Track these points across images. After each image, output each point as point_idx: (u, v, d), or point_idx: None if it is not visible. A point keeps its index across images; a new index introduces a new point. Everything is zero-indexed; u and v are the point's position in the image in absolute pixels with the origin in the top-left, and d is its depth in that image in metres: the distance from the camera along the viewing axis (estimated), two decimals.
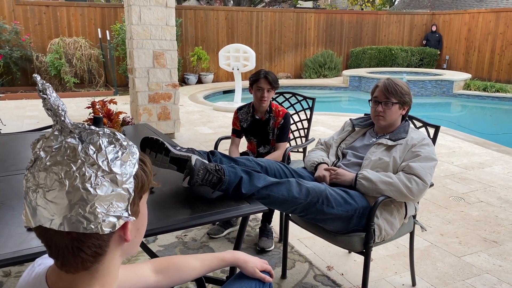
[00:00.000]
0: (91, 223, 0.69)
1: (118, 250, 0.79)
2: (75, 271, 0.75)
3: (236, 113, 3.03)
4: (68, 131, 0.72)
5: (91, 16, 10.08)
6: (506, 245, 2.82)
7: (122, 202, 0.72)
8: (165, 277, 1.19)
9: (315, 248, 2.73)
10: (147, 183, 0.79)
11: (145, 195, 0.82)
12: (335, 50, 13.05)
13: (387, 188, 1.93)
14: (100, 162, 0.70)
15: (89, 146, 0.70)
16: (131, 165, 0.74)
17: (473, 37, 12.52)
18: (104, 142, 0.72)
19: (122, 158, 0.73)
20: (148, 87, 5.14)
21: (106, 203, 0.70)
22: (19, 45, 9.10)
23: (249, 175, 1.78)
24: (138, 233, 0.83)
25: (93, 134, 0.72)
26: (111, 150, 0.72)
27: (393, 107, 2.09)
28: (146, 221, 0.86)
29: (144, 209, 0.83)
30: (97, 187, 0.69)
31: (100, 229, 0.70)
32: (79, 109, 7.37)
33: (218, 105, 7.64)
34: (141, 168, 0.77)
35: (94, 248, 0.72)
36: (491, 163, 4.61)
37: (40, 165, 0.70)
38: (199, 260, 1.25)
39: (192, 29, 11.24)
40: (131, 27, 4.92)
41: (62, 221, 0.68)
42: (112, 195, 0.70)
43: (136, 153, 0.76)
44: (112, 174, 0.70)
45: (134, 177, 0.74)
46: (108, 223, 0.70)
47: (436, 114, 8.86)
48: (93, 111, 2.09)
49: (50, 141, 0.71)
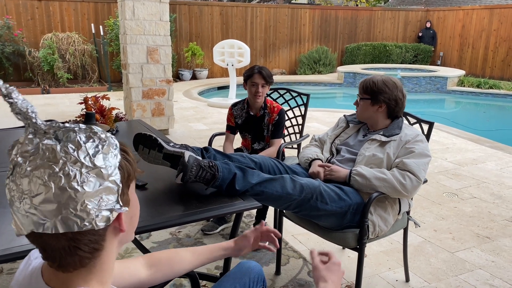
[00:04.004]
0: (84, 221, 0.68)
1: (114, 241, 0.79)
2: (73, 270, 0.74)
3: (230, 109, 3.02)
4: (43, 132, 0.70)
5: (84, 11, 10.00)
6: (499, 240, 2.84)
7: (111, 195, 0.71)
8: (158, 270, 1.19)
9: (309, 244, 2.73)
10: (133, 171, 0.79)
11: (132, 183, 0.82)
12: (330, 46, 13.05)
13: (381, 184, 1.93)
14: (82, 158, 0.69)
15: (68, 145, 0.69)
16: (113, 156, 0.73)
17: (467, 34, 12.57)
18: (82, 138, 0.70)
19: (103, 151, 0.71)
20: (142, 83, 5.11)
21: (96, 198, 0.69)
22: (11, 40, 9.01)
23: (243, 171, 1.77)
24: (131, 221, 0.84)
25: (69, 132, 0.70)
26: (91, 145, 0.70)
27: (363, 103, 2.12)
28: (138, 209, 0.87)
29: (134, 197, 0.84)
30: (84, 184, 0.68)
31: (95, 225, 0.69)
32: (72, 105, 7.32)
33: (213, 101, 7.61)
34: (124, 158, 0.77)
35: (92, 244, 0.72)
36: (484, 159, 4.63)
37: (20, 171, 0.68)
38: (191, 251, 1.25)
39: (186, 24, 11.18)
40: (125, 22, 4.88)
41: (54, 223, 0.67)
42: (100, 190, 0.70)
43: (116, 144, 0.75)
44: (96, 169, 0.69)
45: (119, 168, 0.74)
46: (101, 217, 0.70)
47: (430, 110, 8.89)
48: (86, 107, 2.07)
49: (25, 146, 0.69)
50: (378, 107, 2.11)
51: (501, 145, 5.23)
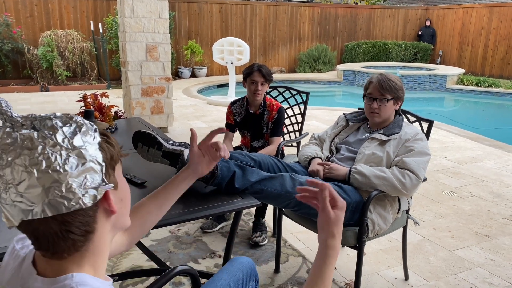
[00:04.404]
0: (71, 201, 0.69)
1: (107, 224, 0.79)
2: (67, 255, 0.74)
3: (230, 107, 3.01)
4: (20, 125, 0.71)
5: (83, 8, 9.97)
6: (497, 239, 2.84)
7: (95, 174, 0.72)
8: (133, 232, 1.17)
9: (309, 243, 2.73)
10: (116, 153, 0.79)
11: (118, 166, 0.82)
12: (330, 44, 13.03)
13: (381, 183, 1.93)
14: (60, 141, 0.69)
15: (45, 131, 0.70)
16: (92, 136, 0.73)
17: (466, 32, 12.56)
18: (58, 124, 0.71)
19: (81, 133, 0.72)
20: (141, 81, 5.10)
21: (80, 178, 0.70)
22: (10, 37, 8.98)
23: (243, 169, 1.77)
24: (123, 204, 0.84)
25: (45, 120, 0.71)
26: (68, 129, 0.71)
27: (388, 104, 2.09)
28: (128, 192, 0.87)
29: (122, 180, 0.84)
30: (66, 165, 0.69)
31: (82, 204, 0.70)
32: (71, 102, 7.31)
33: (212, 99, 7.60)
34: (104, 140, 0.77)
35: (83, 227, 0.73)
36: (483, 157, 4.63)
37: (2, 163, 0.69)
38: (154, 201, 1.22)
39: (186, 22, 11.16)
40: (124, 20, 4.86)
41: (42, 207, 0.68)
42: (83, 170, 0.70)
43: (94, 127, 0.76)
44: (76, 149, 0.70)
45: (100, 149, 0.74)
46: (88, 196, 0.71)
47: (429, 108, 8.89)
48: (85, 104, 2.07)
49: (4, 140, 0.70)
50: (396, 105, 2.13)
51: (500, 143, 5.23)
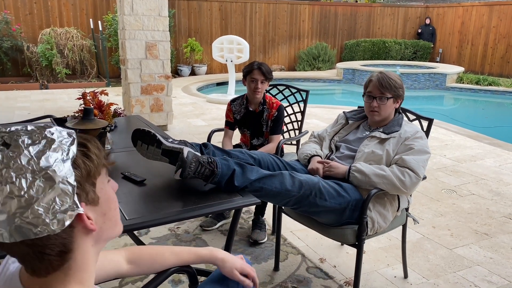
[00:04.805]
0: (38, 227, 0.65)
1: (87, 241, 0.75)
2: (46, 274, 0.71)
3: (229, 105, 3.01)
4: None
5: (82, 6, 9.95)
6: (497, 237, 2.84)
7: (66, 197, 0.67)
8: (137, 267, 1.19)
9: (308, 241, 2.73)
10: (95, 167, 0.74)
11: (100, 179, 0.76)
12: (329, 42, 13.01)
13: (380, 181, 1.93)
14: (24, 163, 0.65)
15: (9, 151, 0.66)
16: (64, 154, 0.68)
17: (466, 30, 12.55)
18: (25, 141, 0.66)
19: (51, 151, 0.67)
20: (140, 79, 5.09)
21: (47, 202, 0.66)
22: (9, 35, 8.96)
23: (242, 167, 1.76)
24: (106, 218, 0.78)
25: (14, 135, 0.67)
26: (35, 148, 0.67)
27: (387, 102, 2.08)
28: (113, 203, 0.81)
29: (106, 193, 0.79)
30: (31, 190, 0.64)
31: (50, 230, 0.66)
32: (71, 100, 7.30)
33: (212, 97, 7.60)
34: (82, 154, 0.72)
35: (57, 248, 0.69)
36: (483, 156, 4.64)
37: None
38: (173, 253, 1.22)
39: (185, 20, 11.14)
40: (123, 18, 4.86)
41: (10, 233, 0.65)
42: (51, 193, 0.66)
43: (70, 141, 0.70)
44: (43, 171, 0.66)
45: (74, 166, 0.69)
46: (56, 222, 0.66)
47: (429, 107, 8.89)
48: (84, 102, 2.06)
49: None
50: (396, 103, 2.12)
51: (500, 142, 5.23)
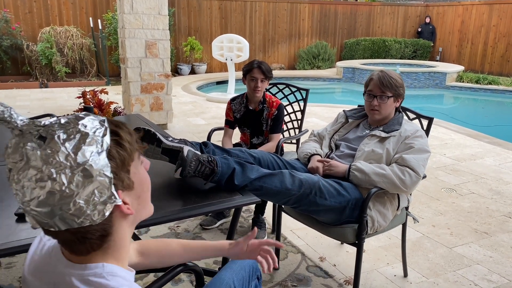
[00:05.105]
0: (81, 218, 0.70)
1: (124, 224, 0.80)
2: (87, 254, 0.77)
3: (229, 103, 3.01)
4: (28, 133, 0.69)
5: (82, 4, 9.93)
6: (496, 236, 2.84)
7: (104, 189, 0.71)
8: (146, 259, 1.22)
9: (308, 239, 2.73)
10: (129, 154, 0.76)
11: (134, 164, 0.78)
12: (329, 41, 13.00)
13: (380, 180, 1.92)
14: (63, 160, 0.68)
15: (47, 148, 0.68)
16: (99, 147, 0.70)
17: (466, 29, 12.54)
18: (61, 137, 0.69)
19: (86, 145, 0.69)
20: (140, 77, 5.09)
21: (87, 195, 0.69)
22: (9, 33, 8.95)
23: (242, 166, 1.76)
24: (140, 200, 0.82)
25: (49, 129, 0.69)
26: (71, 143, 0.69)
27: (388, 101, 2.08)
28: (146, 184, 0.84)
29: (140, 176, 0.81)
30: (71, 185, 0.68)
31: (91, 221, 0.71)
32: (71, 99, 7.29)
33: (211, 96, 7.59)
34: (115, 143, 0.74)
35: (98, 233, 0.74)
36: (482, 155, 4.64)
37: (13, 177, 0.69)
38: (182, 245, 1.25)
39: (185, 18, 11.13)
40: (123, 16, 4.85)
41: (55, 223, 0.69)
42: (90, 186, 0.69)
43: (102, 131, 0.72)
44: (81, 166, 0.68)
45: (109, 158, 0.72)
46: (97, 212, 0.71)
47: (428, 106, 8.88)
48: (84, 101, 2.06)
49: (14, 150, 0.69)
50: (396, 102, 2.12)
51: (500, 140, 5.23)
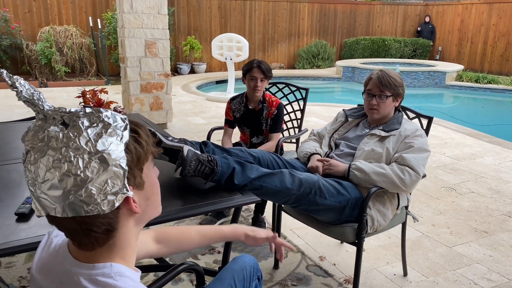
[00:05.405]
0: (90, 205, 0.70)
1: (130, 222, 0.80)
2: (92, 249, 0.77)
3: (229, 103, 3.01)
4: (52, 118, 0.72)
5: (82, 4, 9.92)
6: (496, 235, 2.85)
7: (117, 179, 0.72)
8: (166, 246, 1.25)
9: (308, 239, 2.73)
10: (144, 153, 0.78)
11: (147, 164, 0.81)
12: (329, 40, 13.00)
13: (380, 179, 1.93)
14: (83, 144, 0.70)
15: (70, 131, 0.70)
16: (119, 140, 0.73)
17: (466, 28, 12.54)
18: (85, 123, 0.71)
19: (107, 135, 0.71)
20: (140, 77, 5.09)
21: (100, 183, 0.70)
22: (8, 33, 8.94)
23: (242, 166, 1.76)
24: (149, 202, 0.83)
25: (74, 117, 0.72)
26: (93, 131, 0.71)
27: (387, 100, 2.08)
28: (156, 188, 0.86)
29: (151, 178, 0.83)
30: (87, 170, 0.69)
31: (100, 210, 0.71)
32: (70, 98, 7.29)
33: (211, 95, 7.59)
34: (134, 140, 0.77)
35: (104, 226, 0.75)
36: (482, 154, 4.64)
37: (30, 158, 0.71)
38: (199, 232, 1.30)
39: (185, 18, 11.13)
40: (123, 16, 4.85)
41: (63, 208, 0.70)
42: (104, 174, 0.70)
43: (123, 125, 0.74)
44: (99, 154, 0.70)
45: (126, 151, 0.74)
46: (107, 202, 0.71)
47: (428, 105, 8.89)
48: (84, 100, 2.06)
49: (36, 132, 0.72)
50: (396, 101, 2.12)
51: (499, 140, 5.23)
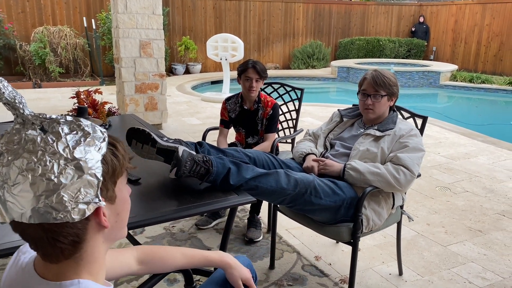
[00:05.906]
0: (59, 213, 0.68)
1: (99, 236, 0.78)
2: (57, 261, 0.74)
3: (224, 103, 3.00)
4: (30, 123, 0.71)
5: (76, 4, 9.88)
6: (490, 234, 2.86)
7: (90, 188, 0.71)
8: (148, 267, 1.20)
9: (303, 239, 2.73)
10: (120, 167, 0.78)
11: (121, 179, 0.80)
12: (324, 40, 13.03)
13: (375, 179, 1.93)
14: (60, 150, 0.69)
15: (48, 136, 0.69)
16: (96, 150, 0.72)
17: (460, 29, 12.60)
18: (64, 130, 0.70)
19: (86, 143, 0.71)
20: (134, 77, 5.07)
21: (73, 191, 0.69)
22: (1, 33, 8.88)
23: (237, 166, 1.76)
24: (119, 218, 0.82)
25: (54, 123, 0.71)
26: (72, 137, 0.70)
27: (382, 100, 2.09)
28: (127, 205, 0.85)
29: (123, 194, 0.82)
30: (61, 176, 0.68)
31: (69, 218, 0.69)
32: (64, 99, 7.25)
33: (206, 96, 7.58)
34: (111, 152, 0.76)
35: (71, 237, 0.72)
36: (476, 153, 4.66)
37: (3, 160, 0.69)
38: (185, 256, 1.23)
39: (180, 18, 11.11)
40: (117, 16, 4.83)
41: (31, 213, 0.68)
42: (78, 182, 0.69)
43: (102, 137, 0.74)
44: (75, 161, 0.69)
45: (102, 162, 0.73)
46: (77, 210, 0.69)
47: (423, 105, 8.92)
48: (78, 101, 2.05)
49: (12, 136, 0.71)
50: (390, 101, 2.13)
51: (493, 139, 5.26)
